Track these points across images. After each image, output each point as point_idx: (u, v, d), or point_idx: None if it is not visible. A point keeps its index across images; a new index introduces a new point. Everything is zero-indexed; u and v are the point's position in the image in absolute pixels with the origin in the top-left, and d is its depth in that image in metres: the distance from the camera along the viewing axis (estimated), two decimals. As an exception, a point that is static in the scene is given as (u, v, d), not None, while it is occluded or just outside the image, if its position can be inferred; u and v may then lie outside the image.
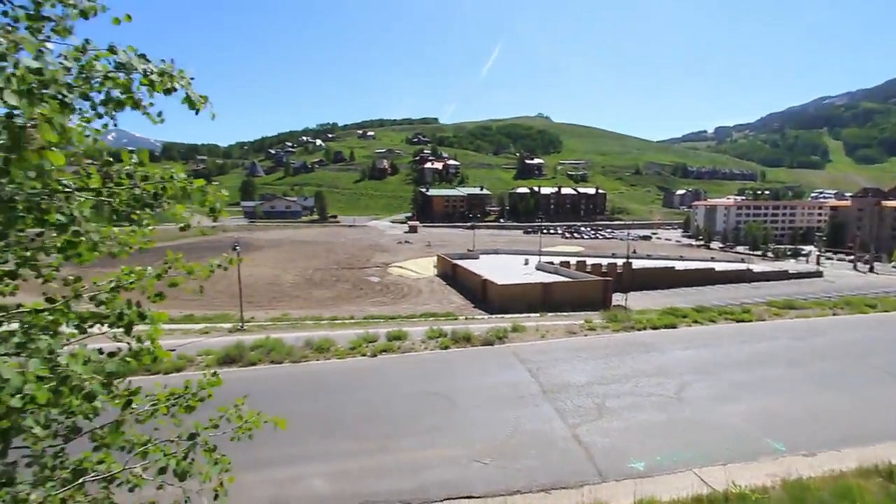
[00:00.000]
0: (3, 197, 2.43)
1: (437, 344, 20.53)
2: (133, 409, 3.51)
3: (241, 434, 3.60)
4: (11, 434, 2.53)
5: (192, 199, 3.22)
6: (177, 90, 3.09)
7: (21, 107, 2.16)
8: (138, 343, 3.20)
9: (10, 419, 2.36)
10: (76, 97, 2.78)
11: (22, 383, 2.28)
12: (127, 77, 3.00)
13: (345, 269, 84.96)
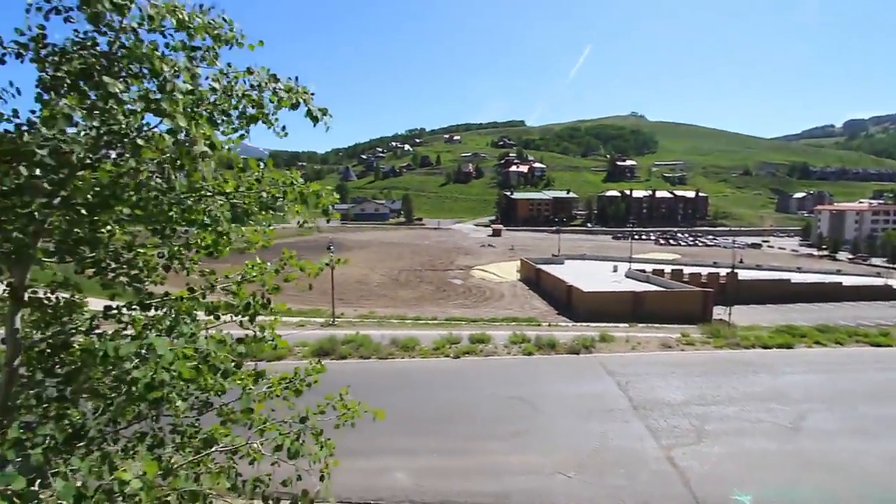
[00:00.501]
0: (164, 202, 2.88)
1: (521, 349, 20.30)
2: (251, 390, 3.92)
3: (344, 421, 3.88)
4: (162, 404, 2.96)
5: (309, 202, 3.55)
6: (300, 105, 3.42)
7: (185, 126, 2.55)
8: (261, 331, 3.58)
9: (161, 391, 2.78)
10: (220, 114, 3.18)
11: (173, 359, 2.68)
12: (259, 95, 3.38)
13: (429, 270, 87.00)
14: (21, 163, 3.05)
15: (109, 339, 3.12)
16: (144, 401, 2.89)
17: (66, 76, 3.25)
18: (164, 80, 2.89)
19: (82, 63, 3.37)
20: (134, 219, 3.25)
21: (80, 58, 3.35)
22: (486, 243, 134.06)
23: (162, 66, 2.89)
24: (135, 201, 2.76)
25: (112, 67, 3.43)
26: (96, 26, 3.34)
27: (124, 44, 3.44)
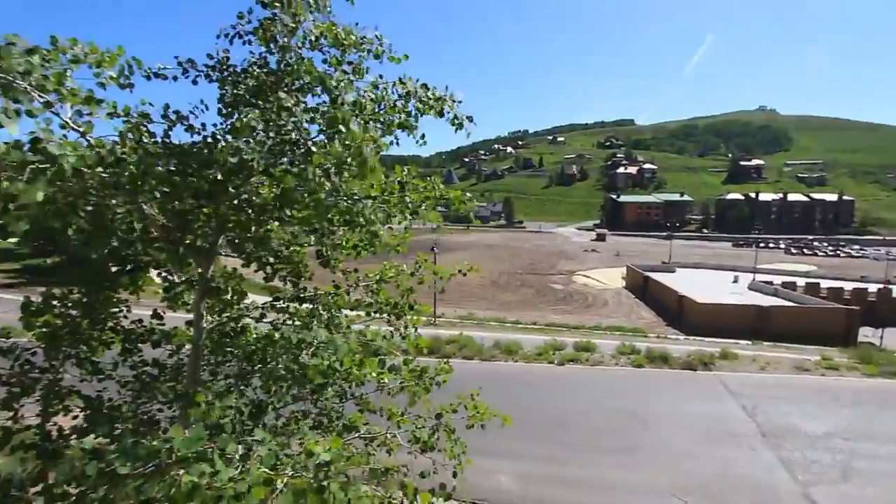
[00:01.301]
0: (327, 205, 3.17)
1: (630, 361, 19.13)
2: (384, 384, 4.15)
3: (474, 423, 3.95)
4: (324, 390, 3.27)
5: (451, 206, 3.67)
6: (445, 113, 3.55)
7: (358, 135, 2.79)
8: (405, 329, 3.78)
9: (330, 378, 3.07)
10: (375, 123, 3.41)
11: (347, 351, 2.95)
12: (405, 103, 3.57)
13: (529, 274, 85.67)
14: (209, 169, 3.56)
15: (278, 328, 3.51)
16: (311, 385, 3.21)
17: (244, 93, 3.73)
18: (336, 94, 3.18)
19: (256, 81, 3.85)
20: (297, 219, 3.63)
21: (255, 76, 3.82)
22: (589, 248, 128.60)
23: (332, 82, 3.18)
24: (307, 203, 3.08)
25: (280, 83, 3.86)
26: (268, 47, 3.79)
27: (289, 62, 3.86)
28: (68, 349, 3.95)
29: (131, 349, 4.08)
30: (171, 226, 3.47)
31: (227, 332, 4.01)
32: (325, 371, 2.96)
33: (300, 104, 3.49)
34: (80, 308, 3.85)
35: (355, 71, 3.78)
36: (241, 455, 2.17)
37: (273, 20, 3.72)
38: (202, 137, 3.86)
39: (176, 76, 3.77)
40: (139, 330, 4.18)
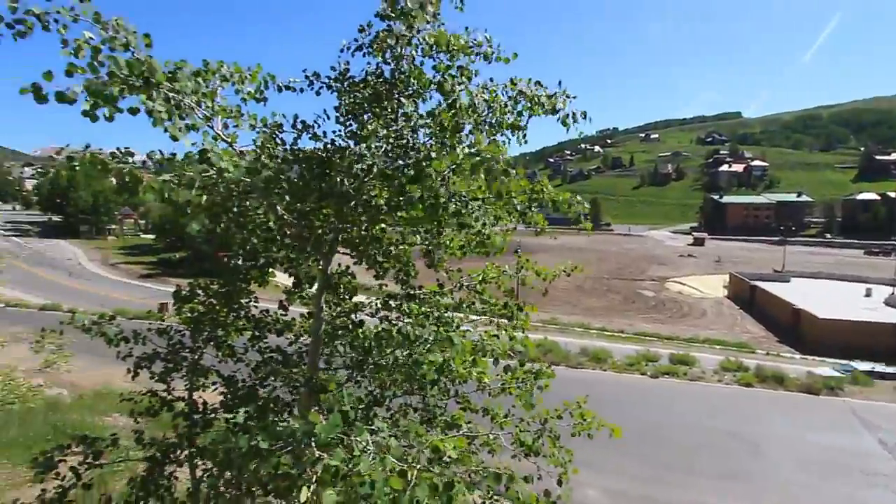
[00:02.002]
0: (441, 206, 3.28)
1: (735, 378, 17.47)
2: (485, 385, 4.19)
3: (580, 431, 3.86)
4: (435, 385, 3.39)
5: (560, 208, 3.62)
6: (558, 110, 3.51)
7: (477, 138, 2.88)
8: (513, 331, 3.80)
9: (445, 374, 3.18)
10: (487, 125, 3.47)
11: (462, 349, 3.05)
12: (515, 104, 3.59)
13: (616, 279, 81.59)
14: (331, 173, 3.85)
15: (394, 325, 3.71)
16: (422, 381, 3.36)
17: (363, 101, 3.99)
18: (453, 99, 3.29)
19: (373, 90, 4.10)
20: (405, 220, 3.81)
21: (372, 85, 4.07)
22: (685, 253, 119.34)
23: (449, 86, 3.29)
24: (424, 205, 3.22)
25: (394, 91, 4.07)
26: (383, 57, 4.02)
27: (402, 70, 4.05)
28: (209, 333, 4.50)
29: (259, 336, 4.53)
30: (298, 225, 3.80)
31: (341, 325, 4.31)
32: (441, 368, 3.07)
33: (417, 109, 3.65)
34: (220, 297, 4.36)
35: (464, 74, 3.86)
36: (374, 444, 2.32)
37: (389, 31, 3.93)
38: (323, 144, 4.20)
39: (303, 88, 4.13)
40: (266, 319, 4.63)
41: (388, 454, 2.22)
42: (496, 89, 3.66)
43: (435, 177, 3.12)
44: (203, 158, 2.88)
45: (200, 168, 2.88)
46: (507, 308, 3.85)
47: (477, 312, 4.10)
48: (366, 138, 3.44)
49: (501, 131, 3.65)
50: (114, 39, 2.95)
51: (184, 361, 4.57)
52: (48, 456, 4.23)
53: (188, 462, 4.27)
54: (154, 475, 4.17)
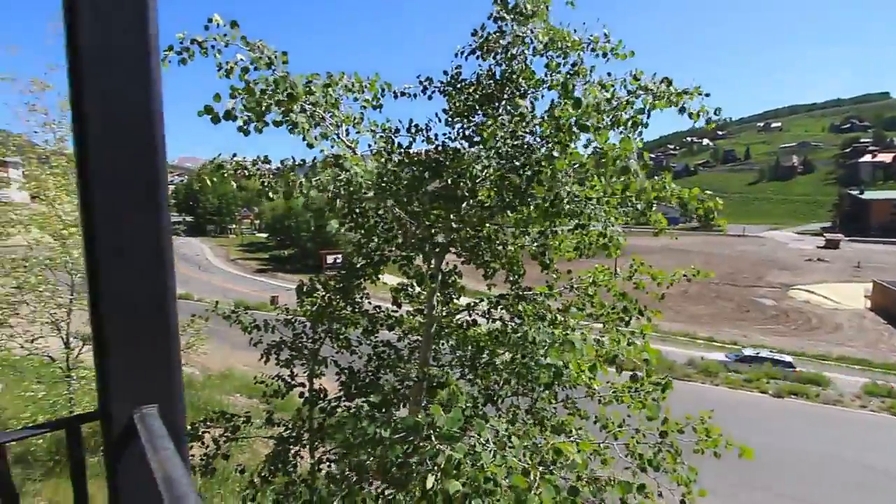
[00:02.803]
0: (559, 206, 3.23)
1: (884, 406, 14.98)
2: (595, 392, 4.03)
3: (705, 448, 3.56)
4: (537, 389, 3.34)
5: (688, 206, 3.36)
6: (686, 106, 3.27)
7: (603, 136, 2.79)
8: (632, 336, 3.62)
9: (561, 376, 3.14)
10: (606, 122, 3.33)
11: (582, 353, 2.98)
12: (634, 99, 3.40)
13: (727, 284, 74.13)
14: (443, 174, 3.96)
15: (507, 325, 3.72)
16: (534, 382, 3.34)
17: (475, 103, 4.05)
18: (575, 98, 3.22)
19: (483, 92, 4.14)
20: (515, 220, 3.79)
21: (483, 87, 4.11)
22: (814, 257, 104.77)
23: (571, 85, 3.23)
24: (543, 206, 3.19)
25: (504, 91, 4.08)
26: (494, 59, 4.04)
27: (513, 70, 4.04)
28: (327, 325, 4.87)
29: (372, 330, 4.81)
30: (414, 225, 3.96)
31: (449, 324, 4.42)
32: (559, 370, 3.01)
33: (533, 109, 3.62)
34: (337, 293, 4.69)
35: (578, 72, 3.75)
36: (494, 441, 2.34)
37: (501, 33, 3.94)
38: (435, 147, 4.33)
39: (416, 94, 4.30)
40: (378, 314, 4.90)
41: (508, 452, 2.22)
42: (613, 84, 3.50)
43: (552, 176, 3.07)
44: (338, 164, 3.11)
45: (333, 172, 3.12)
46: (625, 312, 3.66)
47: (590, 316, 3.95)
48: (486, 140, 3.48)
49: (618, 127, 3.48)
50: (259, 59, 3.30)
51: (304, 350, 5.00)
52: (195, 427, 4.87)
53: (309, 444, 4.67)
54: (282, 452, 4.61)
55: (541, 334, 3.14)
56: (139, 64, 1.04)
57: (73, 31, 0.98)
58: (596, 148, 3.03)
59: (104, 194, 1.05)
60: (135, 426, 1.20)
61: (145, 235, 1.12)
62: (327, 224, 6.56)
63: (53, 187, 7.59)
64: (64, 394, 7.89)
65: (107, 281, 1.09)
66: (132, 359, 1.18)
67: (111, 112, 1.04)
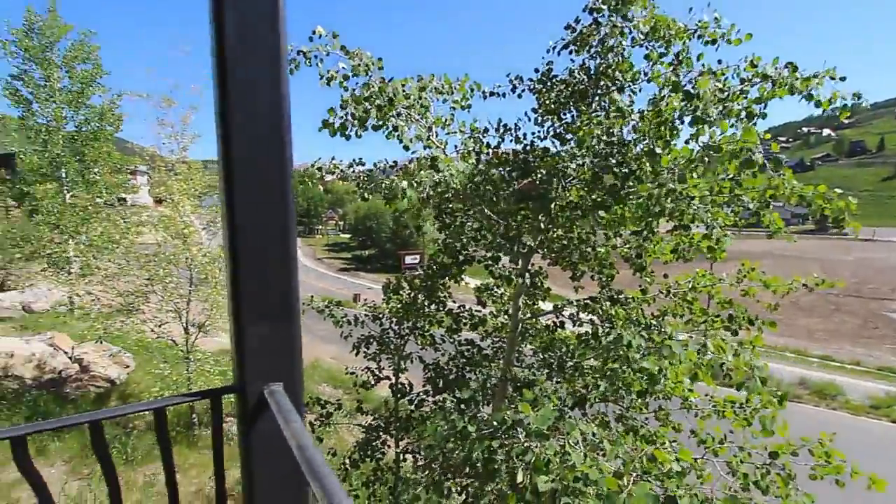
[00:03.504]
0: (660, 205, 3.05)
1: None
2: (692, 404, 3.74)
3: (824, 474, 3.17)
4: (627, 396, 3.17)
5: (811, 205, 3.01)
6: (814, 93, 2.94)
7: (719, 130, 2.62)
8: (740, 347, 3.32)
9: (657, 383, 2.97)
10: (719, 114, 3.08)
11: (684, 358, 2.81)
12: (749, 87, 3.11)
13: (850, 296, 65.20)
14: (530, 174, 3.91)
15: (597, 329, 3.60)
16: (624, 388, 3.19)
17: (566, 100, 3.95)
18: (687, 90, 3.02)
19: (575, 87, 4.02)
20: (606, 221, 3.63)
21: (575, 83, 4.00)
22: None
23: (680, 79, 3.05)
24: (643, 204, 3.05)
25: (598, 86, 3.94)
26: (590, 53, 3.91)
27: (609, 64, 3.88)
28: (413, 322, 5.02)
29: (456, 329, 4.88)
30: (502, 225, 3.96)
31: (533, 325, 4.36)
32: (655, 377, 2.84)
33: (632, 104, 3.46)
34: (423, 291, 4.82)
35: (683, 62, 3.50)
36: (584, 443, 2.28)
37: (597, 25, 3.80)
38: (523, 146, 4.29)
39: (505, 93, 4.29)
40: (462, 313, 4.97)
41: (600, 454, 2.14)
42: (725, 73, 3.22)
43: (655, 174, 2.90)
44: (433, 166, 3.20)
45: (429, 174, 3.21)
46: (731, 321, 3.35)
47: (689, 324, 3.68)
48: (581, 138, 3.38)
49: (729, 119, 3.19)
50: (358, 67, 3.49)
51: (391, 345, 5.21)
52: (295, 409, 5.25)
53: (395, 434, 4.85)
54: (370, 440, 4.84)
55: (637, 338, 2.97)
56: (274, 86, 1.20)
57: (221, 60, 1.12)
58: (706, 142, 2.80)
59: (244, 199, 1.22)
60: (266, 400, 1.34)
61: (276, 235, 1.27)
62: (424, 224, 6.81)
63: (178, 192, 8.61)
64: (183, 373, 8.91)
65: (245, 275, 1.25)
66: (263, 342, 1.33)
67: (252, 130, 1.20)
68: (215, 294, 8.86)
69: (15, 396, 9.06)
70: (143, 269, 8.78)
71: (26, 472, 1.29)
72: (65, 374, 11.20)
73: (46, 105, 14.56)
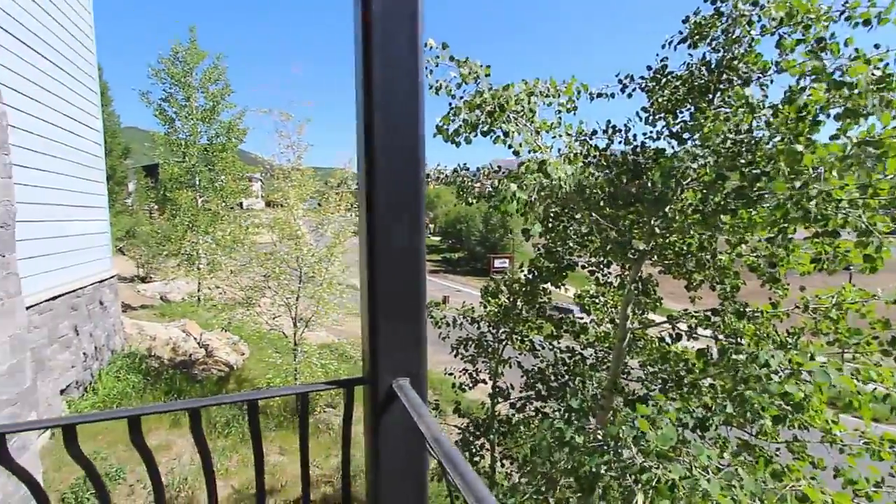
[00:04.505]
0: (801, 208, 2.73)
1: None
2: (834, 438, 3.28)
3: None
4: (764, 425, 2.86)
5: None
6: None
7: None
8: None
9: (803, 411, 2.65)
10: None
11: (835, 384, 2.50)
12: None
13: None
14: (644, 177, 3.71)
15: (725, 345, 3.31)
16: (761, 415, 2.89)
17: (683, 97, 3.69)
18: (836, 80, 2.69)
19: (693, 83, 3.75)
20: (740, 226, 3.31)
21: (693, 79, 3.73)
22: None
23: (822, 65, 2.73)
24: (782, 207, 2.75)
25: (719, 81, 3.63)
26: (712, 46, 3.62)
27: (734, 56, 3.56)
28: (511, 326, 4.99)
29: (556, 335, 4.76)
30: (613, 230, 3.80)
31: (642, 336, 4.12)
32: (798, 403, 2.52)
33: (765, 98, 3.15)
34: (522, 295, 4.77)
35: (825, 47, 3.10)
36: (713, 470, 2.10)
37: (718, 15, 3.52)
38: (632, 148, 4.08)
39: (614, 93, 4.11)
40: (566, 320, 4.83)
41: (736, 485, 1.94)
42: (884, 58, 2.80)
43: (797, 173, 2.60)
44: (542, 169, 3.18)
45: (538, 178, 3.19)
46: (892, 345, 2.87)
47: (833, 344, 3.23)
48: (706, 136, 3.14)
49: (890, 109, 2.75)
50: (467, 76, 3.56)
51: (489, 348, 5.22)
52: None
53: (493, 438, 4.84)
54: (468, 442, 4.88)
55: (775, 358, 2.66)
56: (412, 99, 1.28)
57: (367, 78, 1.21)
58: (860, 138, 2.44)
59: (383, 204, 1.30)
60: (395, 393, 1.42)
61: (408, 240, 1.34)
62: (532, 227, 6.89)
63: (293, 197, 9.41)
64: (291, 364, 9.67)
65: (380, 276, 1.34)
66: (394, 339, 1.41)
67: (392, 143, 1.28)
68: (321, 291, 9.53)
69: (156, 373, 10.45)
70: (261, 267, 9.71)
71: (198, 440, 1.49)
72: (193, 357, 12.74)
73: (186, 122, 16.80)
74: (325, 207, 9.96)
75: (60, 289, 7.63)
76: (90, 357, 8.85)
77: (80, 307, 8.45)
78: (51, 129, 7.40)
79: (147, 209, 29.43)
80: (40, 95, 7.06)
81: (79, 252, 8.44)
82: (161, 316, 16.04)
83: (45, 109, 7.19)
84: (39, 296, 6.91)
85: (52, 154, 7.41)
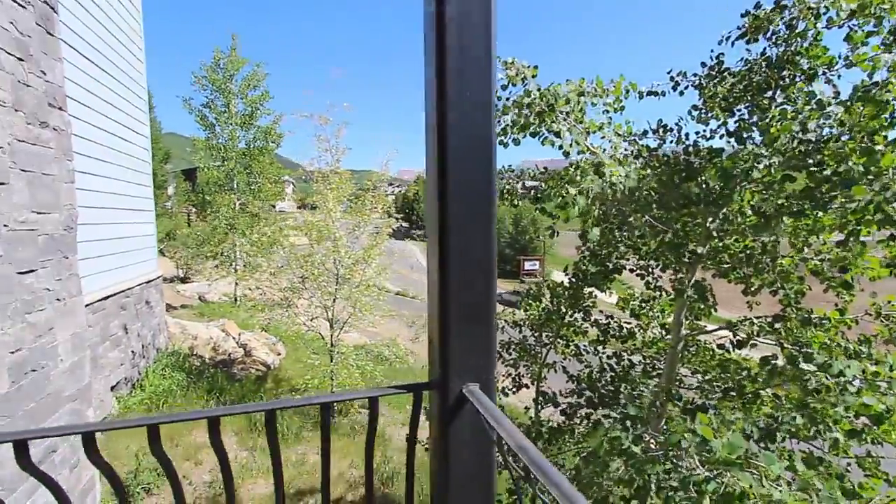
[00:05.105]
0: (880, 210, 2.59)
1: None
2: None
3: None
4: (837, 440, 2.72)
5: None
6: None
7: None
8: None
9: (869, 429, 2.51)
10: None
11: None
12: None
13: None
14: (698, 178, 3.58)
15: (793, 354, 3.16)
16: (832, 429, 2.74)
17: (741, 94, 3.55)
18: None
19: (752, 79, 3.60)
20: (804, 229, 3.16)
21: (752, 75, 3.58)
22: None
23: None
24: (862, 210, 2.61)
25: (780, 77, 3.48)
26: (773, 41, 3.47)
27: (797, 50, 3.41)
28: (555, 330, 4.90)
29: (603, 340, 4.65)
30: (669, 232, 3.69)
31: (695, 342, 3.97)
32: (880, 416, 2.37)
33: (838, 94, 2.99)
34: (566, 299, 4.68)
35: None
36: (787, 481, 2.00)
37: (780, 8, 3.37)
38: (684, 147, 3.95)
39: (665, 91, 4.00)
40: (613, 325, 4.72)
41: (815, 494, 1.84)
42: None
43: (876, 174, 2.45)
44: (598, 171, 3.12)
45: (592, 179, 3.13)
46: None
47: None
48: (772, 135, 3.01)
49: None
50: (515, 77, 3.53)
51: (531, 352, 5.14)
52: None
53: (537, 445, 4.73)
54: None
55: (851, 368, 2.52)
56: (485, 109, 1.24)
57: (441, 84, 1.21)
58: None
59: (456, 210, 1.29)
60: (465, 398, 1.40)
61: (480, 245, 1.33)
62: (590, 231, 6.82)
63: (331, 199, 9.56)
64: (328, 364, 9.81)
65: (453, 281, 1.33)
66: (464, 344, 1.39)
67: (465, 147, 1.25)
68: (357, 293, 9.63)
69: (199, 372, 10.78)
70: (300, 268, 9.89)
71: (217, 447, 1.46)
72: (233, 356, 13.10)
73: (225, 127, 17.35)
74: (360, 210, 10.07)
75: (112, 289, 7.98)
76: (138, 355, 9.22)
77: (128, 307, 8.82)
78: (105, 137, 7.75)
79: (186, 212, 30.52)
80: (96, 104, 7.41)
81: (129, 254, 8.82)
82: (200, 315, 16.57)
83: (100, 117, 7.55)
84: (94, 295, 7.24)
85: (106, 160, 7.76)
